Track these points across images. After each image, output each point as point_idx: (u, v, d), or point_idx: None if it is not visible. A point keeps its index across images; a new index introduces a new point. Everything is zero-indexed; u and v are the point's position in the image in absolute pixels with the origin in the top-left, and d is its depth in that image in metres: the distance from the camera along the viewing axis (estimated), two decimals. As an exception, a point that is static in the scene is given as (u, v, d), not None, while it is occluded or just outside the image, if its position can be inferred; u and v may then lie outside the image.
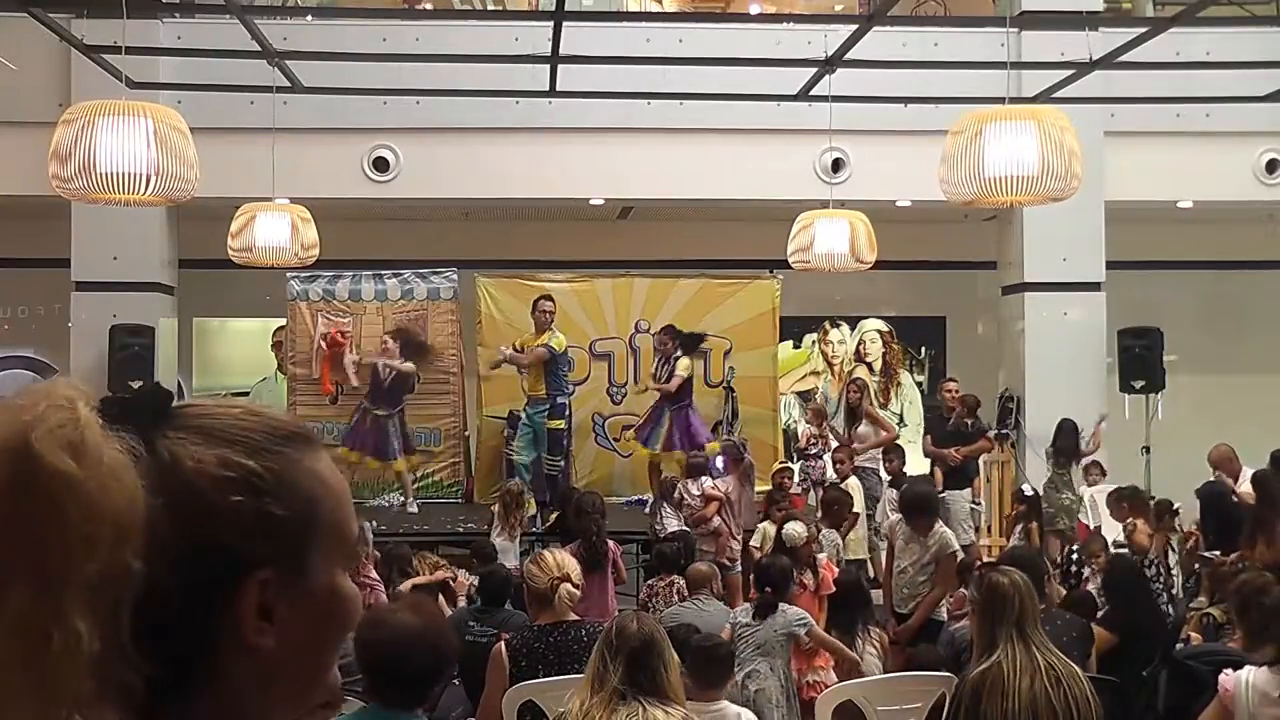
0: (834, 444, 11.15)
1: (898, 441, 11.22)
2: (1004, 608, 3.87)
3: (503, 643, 4.77)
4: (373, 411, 11.12)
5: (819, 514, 8.92)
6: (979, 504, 10.99)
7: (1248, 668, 4.05)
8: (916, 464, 11.44)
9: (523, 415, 10.89)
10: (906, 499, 7.74)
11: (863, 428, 11.40)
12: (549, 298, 11.14)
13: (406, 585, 7.12)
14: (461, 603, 7.27)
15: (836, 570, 7.28)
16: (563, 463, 11.18)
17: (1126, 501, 9.12)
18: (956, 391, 11.43)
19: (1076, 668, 3.90)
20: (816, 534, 7.81)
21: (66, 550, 0.82)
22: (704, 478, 9.31)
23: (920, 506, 7.45)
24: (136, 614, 0.85)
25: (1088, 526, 10.21)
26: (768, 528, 8.15)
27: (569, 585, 4.66)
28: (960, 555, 7.30)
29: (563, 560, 4.83)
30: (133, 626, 0.85)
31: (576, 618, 4.78)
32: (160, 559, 0.86)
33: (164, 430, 0.93)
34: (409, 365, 11.26)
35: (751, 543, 8.53)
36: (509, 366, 10.97)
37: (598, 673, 3.42)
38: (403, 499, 11.23)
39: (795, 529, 6.93)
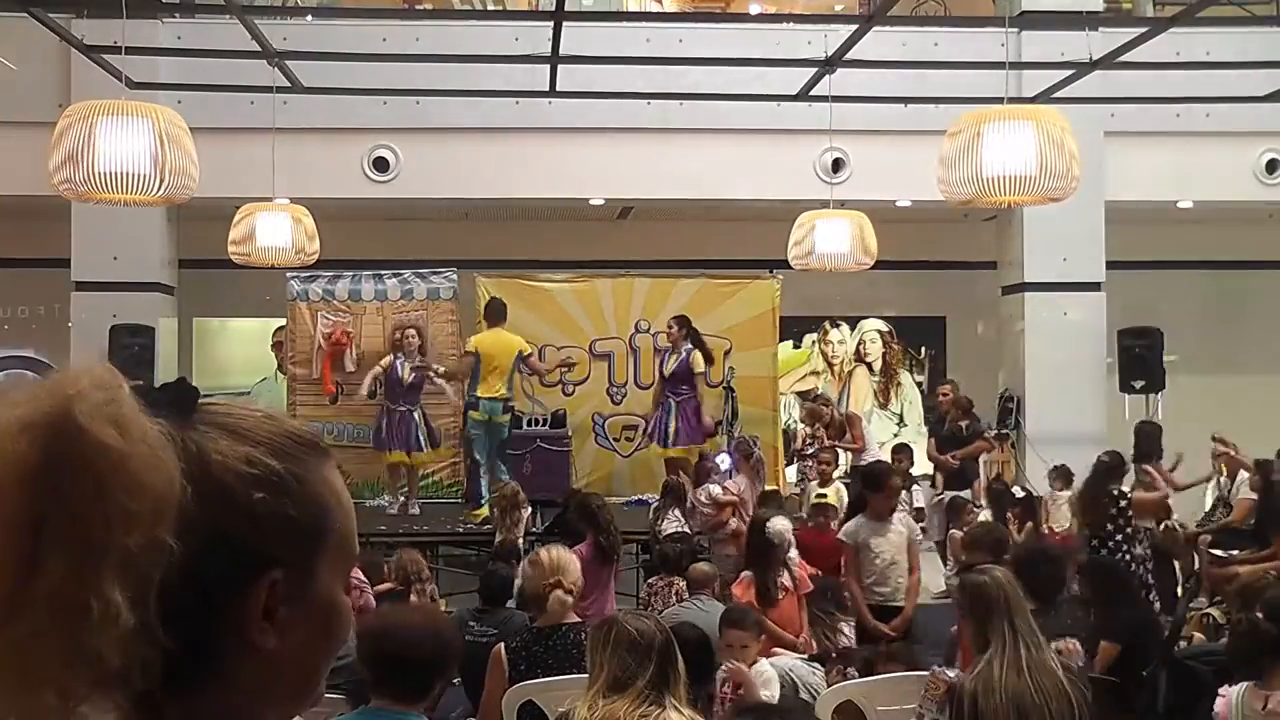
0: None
1: (902, 441, 11.18)
2: (991, 607, 3.86)
3: (502, 645, 4.75)
4: (395, 409, 11.00)
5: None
6: (980, 506, 10.94)
7: (1237, 686, 4.12)
8: (920, 465, 11.44)
9: (480, 403, 10.36)
10: (879, 472, 7.57)
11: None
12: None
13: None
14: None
15: (810, 569, 7.20)
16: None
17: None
18: (948, 394, 11.48)
19: (1071, 657, 3.89)
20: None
21: (108, 522, 0.82)
22: (713, 486, 9.22)
23: (886, 475, 7.47)
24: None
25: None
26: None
27: (560, 592, 4.60)
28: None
29: (558, 560, 4.73)
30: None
31: (576, 619, 4.73)
32: (183, 545, 0.87)
33: (190, 424, 0.94)
34: (441, 369, 11.08)
35: None
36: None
37: (618, 675, 3.28)
38: (402, 500, 11.20)
39: (779, 523, 6.63)
